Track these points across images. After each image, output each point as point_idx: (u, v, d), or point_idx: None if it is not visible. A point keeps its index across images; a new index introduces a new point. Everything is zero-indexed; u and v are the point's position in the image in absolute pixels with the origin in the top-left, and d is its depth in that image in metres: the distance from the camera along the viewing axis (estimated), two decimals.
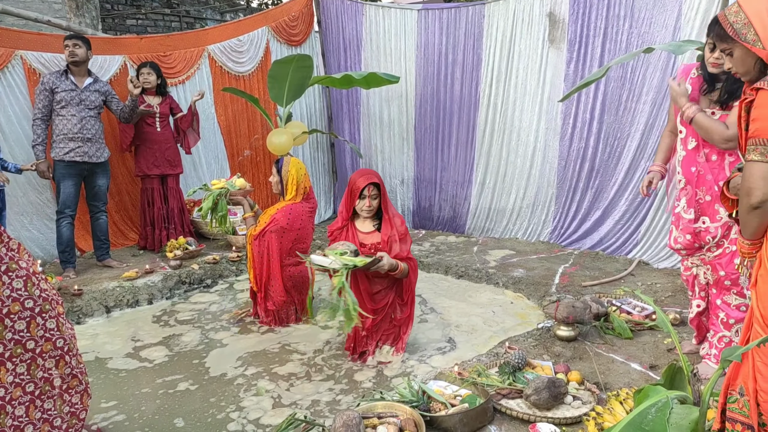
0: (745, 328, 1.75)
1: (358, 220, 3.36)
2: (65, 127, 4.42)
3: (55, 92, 4.40)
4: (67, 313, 3.98)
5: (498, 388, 2.59)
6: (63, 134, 4.42)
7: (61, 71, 4.47)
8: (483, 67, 5.66)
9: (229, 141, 6.21)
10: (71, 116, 4.43)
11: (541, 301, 4.10)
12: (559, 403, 2.47)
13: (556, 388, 2.46)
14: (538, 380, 2.47)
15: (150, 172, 5.19)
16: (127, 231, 5.59)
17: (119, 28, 8.01)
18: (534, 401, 2.44)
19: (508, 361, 2.77)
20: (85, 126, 4.48)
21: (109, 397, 2.98)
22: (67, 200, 4.49)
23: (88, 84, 4.54)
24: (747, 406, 1.65)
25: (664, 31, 4.65)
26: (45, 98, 4.39)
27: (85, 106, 4.49)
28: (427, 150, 6.23)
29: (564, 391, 2.50)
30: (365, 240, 3.31)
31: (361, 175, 3.26)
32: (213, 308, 4.30)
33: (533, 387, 2.46)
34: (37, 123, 4.42)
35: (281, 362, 3.34)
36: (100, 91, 4.61)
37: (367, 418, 2.35)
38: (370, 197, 3.22)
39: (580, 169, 5.27)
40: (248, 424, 2.68)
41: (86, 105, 4.50)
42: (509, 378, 2.67)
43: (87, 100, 4.50)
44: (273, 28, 6.30)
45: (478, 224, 6.01)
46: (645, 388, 1.67)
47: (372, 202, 3.23)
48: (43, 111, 4.41)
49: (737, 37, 1.70)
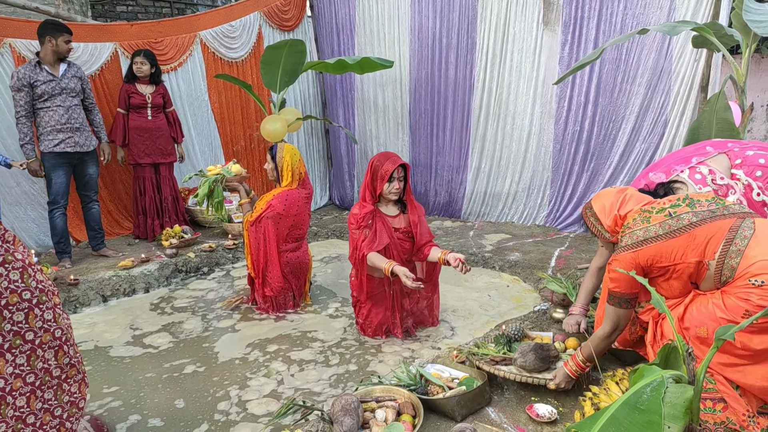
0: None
1: (381, 204, 3.34)
2: (52, 119, 4.33)
3: (34, 86, 4.25)
4: (64, 303, 3.98)
5: (492, 356, 2.64)
6: (50, 126, 4.33)
7: (33, 63, 4.28)
8: (477, 50, 5.63)
9: (222, 128, 6.17)
10: (56, 107, 4.33)
11: (537, 284, 4.12)
12: (548, 366, 2.51)
13: (544, 351, 2.52)
14: (525, 344, 2.57)
15: (141, 161, 5.16)
16: (122, 220, 5.57)
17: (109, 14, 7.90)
18: (521, 364, 2.50)
19: (504, 332, 2.82)
20: (72, 116, 4.41)
21: (111, 383, 3.01)
22: (58, 191, 4.45)
23: (64, 71, 4.40)
24: (712, 381, 1.95)
25: (659, 12, 4.63)
26: (26, 94, 4.23)
27: (67, 95, 4.39)
28: (422, 135, 6.21)
29: (554, 354, 2.55)
30: (395, 224, 3.33)
31: (387, 158, 3.22)
32: (210, 296, 4.31)
33: (520, 350, 2.54)
34: (22, 121, 4.26)
35: (298, 347, 3.37)
36: (77, 76, 4.49)
37: (365, 401, 2.37)
38: (399, 179, 3.22)
39: (575, 152, 5.27)
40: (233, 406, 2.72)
41: (68, 93, 4.39)
42: (504, 348, 2.73)
43: (68, 87, 4.39)
44: (265, 13, 6.24)
45: (474, 209, 6.02)
46: (640, 367, 1.68)
47: (400, 184, 3.23)
48: (26, 108, 4.25)
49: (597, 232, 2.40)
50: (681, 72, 4.66)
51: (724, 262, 1.98)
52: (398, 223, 3.34)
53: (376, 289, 3.34)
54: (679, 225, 2.05)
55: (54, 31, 4.29)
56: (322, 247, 5.50)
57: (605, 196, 2.37)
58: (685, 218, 2.05)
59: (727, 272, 1.99)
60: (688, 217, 2.05)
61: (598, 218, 2.36)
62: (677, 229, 2.05)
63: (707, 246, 2.01)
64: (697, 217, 2.04)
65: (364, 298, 3.36)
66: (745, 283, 1.92)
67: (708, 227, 2.02)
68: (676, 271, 2.08)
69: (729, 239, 1.98)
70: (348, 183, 6.87)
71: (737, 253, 1.95)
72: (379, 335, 3.39)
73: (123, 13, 8.03)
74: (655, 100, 4.79)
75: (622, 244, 2.18)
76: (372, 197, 3.28)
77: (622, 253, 2.15)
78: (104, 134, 4.79)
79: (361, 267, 3.28)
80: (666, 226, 2.07)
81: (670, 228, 2.06)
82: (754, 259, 1.92)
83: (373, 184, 3.25)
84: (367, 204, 3.28)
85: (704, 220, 2.04)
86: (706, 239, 2.01)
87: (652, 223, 2.10)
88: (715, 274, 2.02)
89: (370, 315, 3.38)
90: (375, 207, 3.30)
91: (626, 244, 2.15)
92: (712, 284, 2.06)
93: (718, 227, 2.01)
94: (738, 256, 1.95)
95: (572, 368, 2.36)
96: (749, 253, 1.93)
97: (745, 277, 1.93)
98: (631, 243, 2.12)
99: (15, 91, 4.25)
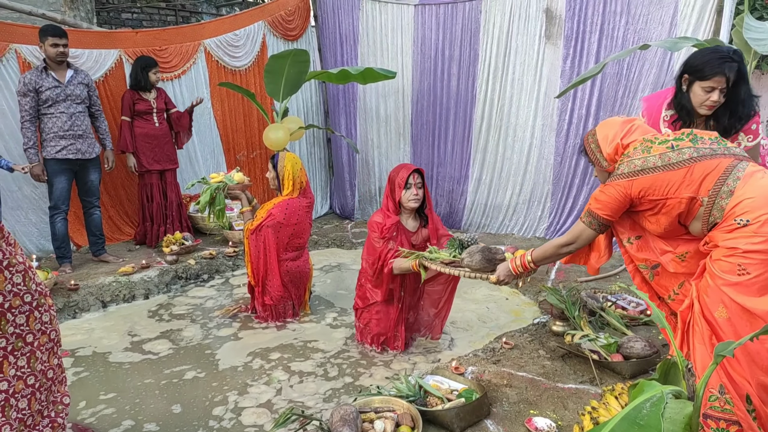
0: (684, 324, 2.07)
1: (402, 217, 3.29)
2: (55, 125, 4.34)
3: (39, 92, 4.26)
4: (64, 308, 3.98)
5: (442, 260, 2.79)
6: (53, 132, 4.34)
7: (40, 68, 4.30)
8: (480, 62, 5.67)
9: (225, 136, 6.19)
10: (60, 113, 4.34)
11: (536, 297, 4.12)
12: (493, 268, 2.65)
13: (491, 254, 2.66)
14: (474, 246, 2.74)
15: (151, 168, 5.17)
16: (123, 226, 5.58)
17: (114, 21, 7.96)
18: (467, 263, 2.66)
19: (457, 237, 2.91)
20: (75, 123, 4.41)
21: (109, 389, 3.01)
22: (60, 196, 4.45)
23: (70, 77, 4.41)
24: (730, 403, 1.85)
25: (661, 27, 4.67)
26: (31, 99, 4.25)
27: (72, 101, 4.39)
28: (424, 146, 6.24)
29: (500, 257, 2.68)
30: (415, 240, 3.29)
31: (402, 167, 3.24)
32: (209, 303, 4.31)
33: (468, 251, 2.70)
34: (26, 126, 4.27)
35: (300, 358, 3.36)
36: (84, 83, 4.50)
37: (364, 412, 2.37)
38: (416, 185, 3.19)
39: (576, 165, 5.29)
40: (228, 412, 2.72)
41: (73, 100, 4.40)
42: (455, 252, 2.84)
43: (73, 94, 4.40)
44: (269, 22, 6.28)
45: (475, 220, 6.03)
46: (640, 382, 1.68)
47: (418, 190, 3.19)
48: (30, 113, 4.27)
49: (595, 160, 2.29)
50: None
51: (715, 201, 1.96)
52: (416, 239, 3.31)
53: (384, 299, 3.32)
54: (679, 158, 2.02)
55: (42, 35, 4.28)
56: (323, 256, 5.50)
57: (610, 125, 2.29)
58: (686, 152, 2.02)
59: (716, 212, 1.97)
60: (689, 151, 2.02)
61: (599, 145, 2.28)
62: (677, 162, 2.02)
63: (702, 183, 1.98)
64: (698, 153, 2.01)
65: (367, 305, 3.35)
66: (731, 224, 1.91)
67: (706, 164, 1.99)
68: (666, 206, 2.06)
69: (722, 179, 1.96)
70: (349, 192, 6.88)
71: (728, 194, 1.93)
72: (376, 345, 3.38)
73: (128, 21, 8.09)
74: None
75: (618, 171, 2.15)
76: (395, 207, 3.24)
77: (617, 180, 2.14)
78: (109, 141, 4.80)
79: (379, 277, 3.22)
80: (666, 158, 2.04)
81: (670, 160, 2.03)
82: (740, 198, 1.91)
83: (393, 194, 3.23)
84: (391, 215, 3.22)
85: (704, 156, 2.00)
86: (702, 176, 1.98)
87: (651, 154, 2.07)
88: (704, 214, 2.00)
89: (371, 323, 3.37)
90: (398, 218, 3.26)
91: (623, 172, 2.13)
92: (701, 226, 2.04)
93: (716, 165, 1.98)
94: (728, 196, 1.93)
95: (516, 264, 2.48)
96: (738, 192, 1.92)
97: (731, 217, 1.92)
98: (628, 171, 2.10)
99: (20, 96, 4.27)
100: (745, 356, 1.82)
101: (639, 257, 2.31)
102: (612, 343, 2.89)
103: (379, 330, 3.35)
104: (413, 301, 3.35)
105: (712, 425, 1.89)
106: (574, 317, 3.21)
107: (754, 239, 1.85)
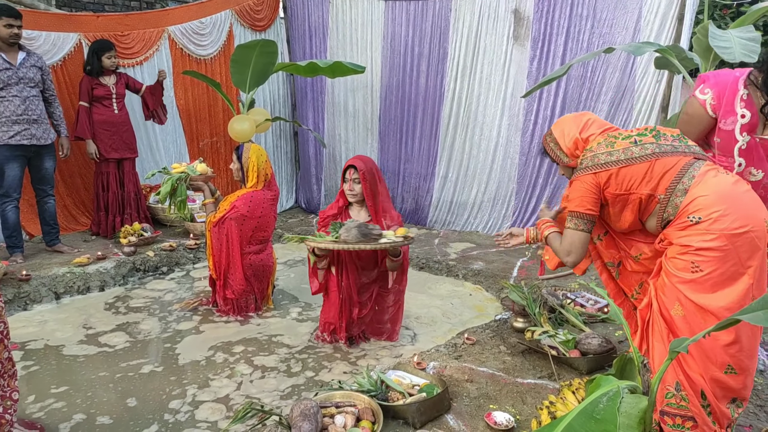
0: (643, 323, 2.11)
1: (352, 208, 3.34)
2: (7, 110, 4.14)
3: None
4: (14, 299, 3.83)
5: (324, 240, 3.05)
6: (6, 117, 4.14)
7: None
8: (449, 60, 5.69)
9: (188, 125, 6.05)
10: (12, 97, 4.15)
11: (498, 294, 4.17)
12: (367, 242, 2.96)
13: (367, 229, 2.98)
14: (351, 221, 3.03)
15: (108, 156, 5.00)
16: (79, 215, 5.39)
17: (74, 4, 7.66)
18: (344, 238, 2.97)
19: (338, 221, 3.16)
20: (29, 107, 4.23)
21: (61, 382, 2.91)
22: (12, 184, 4.27)
23: (22, 60, 4.23)
24: (686, 400, 1.90)
25: (625, 32, 4.77)
26: None
27: (25, 85, 4.21)
28: (391, 141, 6.23)
29: (377, 233, 3.00)
30: None
31: (350, 158, 3.31)
32: (169, 296, 4.21)
33: (345, 228, 3.00)
34: None
35: (264, 352, 3.31)
36: (37, 66, 4.32)
37: (324, 407, 2.35)
38: (352, 181, 3.21)
39: (540, 165, 5.37)
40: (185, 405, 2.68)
41: (26, 83, 4.21)
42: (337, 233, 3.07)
43: (26, 77, 4.21)
44: (237, 11, 6.17)
45: (440, 217, 6.06)
46: (597, 378, 1.72)
47: (354, 186, 3.21)
48: None
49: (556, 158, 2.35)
50: (643, 91, 4.81)
51: (670, 198, 2.00)
52: None
53: (328, 284, 3.35)
54: (641, 153, 2.05)
55: (5, 16, 4.09)
56: (287, 249, 5.44)
57: (564, 122, 2.33)
58: (648, 147, 2.05)
59: (670, 209, 2.01)
60: (651, 147, 2.05)
61: (557, 143, 2.31)
62: (639, 156, 2.05)
63: (661, 180, 2.02)
64: (660, 149, 2.04)
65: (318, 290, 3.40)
66: (684, 221, 1.95)
67: (666, 160, 2.03)
68: (629, 202, 2.10)
69: (679, 177, 1.99)
70: (315, 186, 6.83)
71: (682, 192, 1.97)
72: (327, 333, 3.39)
73: (89, 4, 7.81)
74: (618, 117, 4.92)
75: (582, 165, 2.18)
76: (344, 199, 3.32)
77: (582, 174, 2.16)
78: (64, 128, 4.62)
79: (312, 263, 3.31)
80: (629, 152, 2.07)
81: (633, 155, 2.06)
82: (693, 196, 1.94)
83: (342, 183, 3.31)
84: (336, 205, 3.34)
85: (665, 153, 2.04)
86: (661, 173, 2.02)
87: (615, 148, 2.10)
88: (659, 211, 2.04)
89: (323, 310, 3.41)
90: (346, 209, 3.34)
91: (587, 165, 2.16)
92: (656, 223, 2.09)
93: (675, 162, 2.02)
94: (683, 194, 1.97)
95: (532, 235, 2.56)
96: (692, 190, 1.95)
97: (684, 214, 1.95)
98: (592, 164, 2.13)
99: None
100: (700, 353, 1.87)
101: (606, 254, 2.36)
102: (570, 339, 2.95)
103: (326, 318, 3.38)
104: (361, 299, 3.33)
105: (669, 421, 1.93)
106: (535, 314, 3.26)
107: (705, 236, 1.88)
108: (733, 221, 1.86)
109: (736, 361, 1.86)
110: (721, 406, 1.89)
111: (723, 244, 1.86)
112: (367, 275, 3.32)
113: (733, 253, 1.85)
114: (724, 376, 1.87)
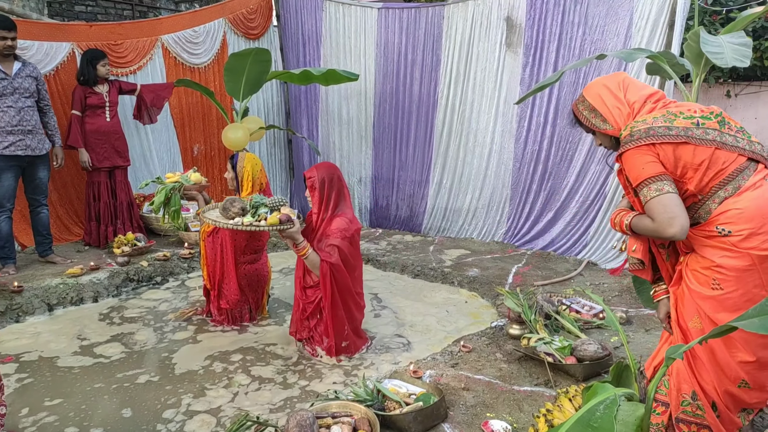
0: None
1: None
2: (2, 120, 4.12)
3: None
4: (6, 311, 3.80)
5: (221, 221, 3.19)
6: (0, 128, 4.13)
7: None
8: (442, 67, 5.71)
9: (182, 134, 6.05)
10: (7, 108, 4.14)
11: (494, 301, 4.16)
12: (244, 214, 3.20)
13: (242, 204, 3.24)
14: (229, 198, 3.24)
15: (100, 165, 4.99)
16: (72, 226, 5.36)
17: (67, 14, 7.65)
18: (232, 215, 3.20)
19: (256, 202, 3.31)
20: (24, 117, 4.21)
21: (55, 395, 2.88)
22: (5, 195, 4.24)
23: (18, 70, 4.21)
24: (702, 409, 1.87)
25: (616, 39, 4.80)
26: None
27: (20, 95, 4.19)
28: (386, 149, 6.24)
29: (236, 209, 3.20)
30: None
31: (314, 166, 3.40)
32: (163, 306, 4.18)
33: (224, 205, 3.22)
34: None
35: (261, 362, 3.29)
36: (32, 76, 4.31)
37: (321, 417, 2.34)
38: (310, 188, 3.29)
39: (534, 171, 5.38)
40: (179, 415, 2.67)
41: (21, 93, 4.20)
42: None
43: (21, 87, 4.20)
44: (230, 20, 6.17)
45: (435, 224, 6.06)
46: (594, 385, 1.72)
47: (309, 192, 3.33)
48: None
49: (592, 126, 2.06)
50: None
51: (706, 203, 1.85)
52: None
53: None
54: (702, 136, 1.84)
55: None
56: (282, 258, 5.43)
57: (598, 85, 2.07)
58: (710, 133, 1.85)
59: (702, 212, 1.86)
60: (713, 133, 1.85)
61: (594, 109, 2.04)
62: (699, 139, 1.84)
63: (711, 179, 1.84)
64: (721, 138, 1.84)
65: None
66: (711, 230, 1.82)
67: (724, 155, 1.83)
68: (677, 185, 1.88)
69: (725, 182, 1.82)
70: None
71: (721, 198, 1.82)
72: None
73: (82, 14, 7.80)
74: None
75: (635, 137, 1.90)
76: None
77: (636, 145, 1.89)
78: (58, 138, 4.60)
79: None
80: (690, 132, 1.85)
81: (693, 135, 1.84)
82: (728, 207, 1.80)
83: None
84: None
85: (725, 144, 1.84)
86: (715, 170, 1.83)
87: (675, 125, 1.87)
88: (692, 209, 1.88)
89: None
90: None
91: (640, 137, 1.89)
92: None
93: (730, 162, 1.83)
94: (720, 201, 1.82)
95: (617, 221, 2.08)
96: (729, 200, 1.81)
97: (714, 222, 1.82)
98: (647, 136, 1.87)
99: None
100: (715, 367, 1.85)
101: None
102: (566, 346, 2.95)
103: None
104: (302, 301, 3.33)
105: (684, 429, 1.92)
106: (531, 320, 3.25)
107: (730, 253, 1.79)
108: (764, 241, 1.76)
109: (751, 377, 1.83)
110: (731, 416, 1.88)
111: (747, 264, 1.77)
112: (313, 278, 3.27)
113: (757, 275, 1.77)
114: (737, 390, 1.85)
